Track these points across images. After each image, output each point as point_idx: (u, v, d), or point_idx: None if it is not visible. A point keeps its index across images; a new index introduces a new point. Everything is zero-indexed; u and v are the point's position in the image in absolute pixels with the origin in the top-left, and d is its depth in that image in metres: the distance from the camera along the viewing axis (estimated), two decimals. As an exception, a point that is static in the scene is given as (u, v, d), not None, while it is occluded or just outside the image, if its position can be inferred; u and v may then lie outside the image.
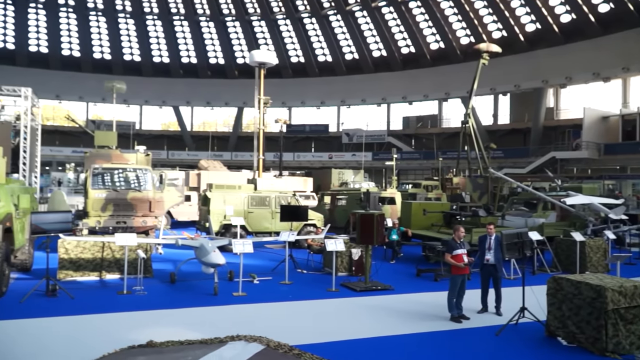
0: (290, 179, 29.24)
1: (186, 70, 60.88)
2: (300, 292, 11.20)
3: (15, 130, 18.50)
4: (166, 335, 7.26)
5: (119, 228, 14.43)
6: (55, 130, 53.49)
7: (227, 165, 34.32)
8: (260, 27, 59.37)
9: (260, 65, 21.72)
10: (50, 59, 57.17)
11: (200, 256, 11.21)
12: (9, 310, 9.09)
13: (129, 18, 59.15)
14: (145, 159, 20.27)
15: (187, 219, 25.11)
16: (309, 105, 60.67)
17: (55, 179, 31.28)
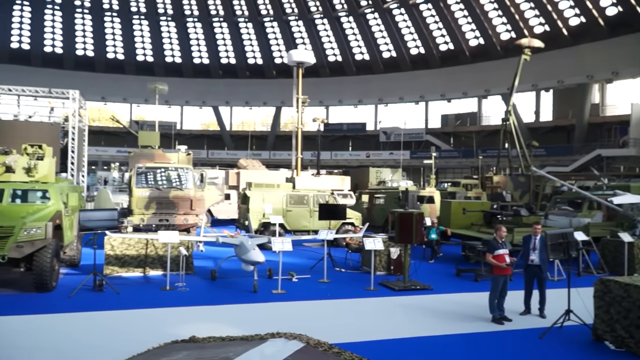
0: (328, 177, 29.30)
1: (225, 70, 61.77)
2: (338, 291, 11.23)
3: (63, 131, 19.23)
4: (208, 331, 7.40)
5: (161, 226, 14.81)
6: (101, 131, 55.17)
7: (265, 164, 34.68)
8: (298, 27, 59.66)
9: (298, 65, 21.87)
10: (96, 62, 59.01)
11: (240, 254, 11.38)
12: (59, 304, 9.47)
13: (170, 21, 60.45)
14: (187, 159, 20.70)
15: (227, 217, 25.49)
16: (347, 103, 60.59)
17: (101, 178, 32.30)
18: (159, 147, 21.75)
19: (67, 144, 19.05)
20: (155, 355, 6.15)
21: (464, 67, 52.15)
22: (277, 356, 5.83)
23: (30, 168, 11.42)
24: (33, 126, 18.65)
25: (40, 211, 10.41)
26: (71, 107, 19.22)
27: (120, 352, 6.62)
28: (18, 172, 11.33)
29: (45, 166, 11.79)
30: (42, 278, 9.92)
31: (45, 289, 10.06)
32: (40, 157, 11.96)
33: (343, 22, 58.05)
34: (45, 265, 9.86)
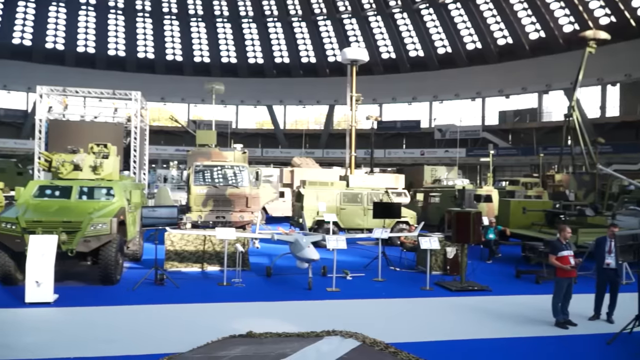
0: (381, 175, 29.06)
1: (279, 70, 62.48)
2: (393, 290, 11.12)
3: (126, 130, 19.98)
4: (264, 326, 7.49)
5: (218, 222, 15.14)
6: (160, 130, 56.98)
7: (318, 162, 34.80)
8: (351, 25, 59.53)
9: (352, 63, 21.79)
10: (156, 64, 61.09)
11: (295, 251, 11.46)
12: (123, 296, 9.86)
13: (226, 22, 61.77)
14: (242, 157, 21.06)
15: (281, 214, 25.77)
16: (400, 101, 59.94)
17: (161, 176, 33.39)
18: (216, 146, 22.23)
19: (130, 143, 19.74)
20: (214, 349, 6.27)
21: (523, 62, 50.42)
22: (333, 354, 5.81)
23: (96, 166, 11.93)
24: (98, 126, 19.45)
25: (106, 207, 10.85)
26: (133, 107, 19.89)
27: (181, 345, 6.81)
28: (85, 170, 11.86)
29: (110, 164, 12.29)
30: (107, 271, 10.36)
31: (110, 282, 10.50)
32: (106, 155, 12.47)
33: (397, 18, 57.44)
34: (110, 259, 10.29)
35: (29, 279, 8.97)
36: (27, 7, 56.19)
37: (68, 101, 20.41)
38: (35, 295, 8.95)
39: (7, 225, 9.95)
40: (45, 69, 52.71)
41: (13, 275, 10.22)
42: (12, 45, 55.76)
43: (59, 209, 10.51)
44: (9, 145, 50.67)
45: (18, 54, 55.30)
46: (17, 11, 55.58)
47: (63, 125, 19.14)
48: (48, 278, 9.01)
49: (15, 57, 54.84)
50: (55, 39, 58.13)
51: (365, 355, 5.70)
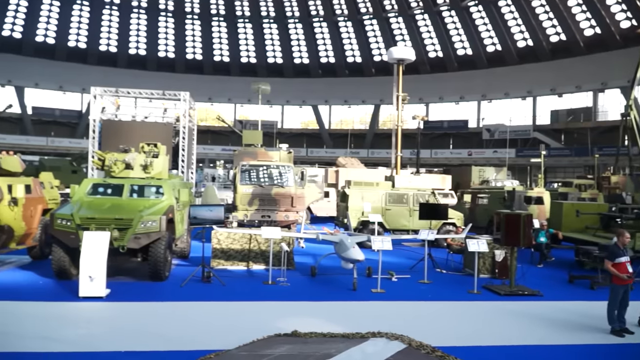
0: (428, 176, 28.64)
1: (325, 70, 62.63)
2: (439, 292, 10.91)
3: (175, 130, 20.47)
4: (309, 326, 7.50)
5: (263, 221, 15.27)
6: (207, 130, 58.16)
7: (363, 162, 34.65)
8: (398, 24, 59.03)
9: (398, 62, 21.56)
10: (204, 65, 62.37)
11: (339, 251, 11.41)
12: (171, 293, 10.07)
13: (272, 22, 62.42)
14: (288, 157, 21.19)
15: (326, 214, 25.79)
16: (447, 100, 58.99)
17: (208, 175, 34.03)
18: (262, 146, 22.45)
19: (178, 142, 20.22)
20: (260, 347, 6.33)
21: (577, 59, 48.64)
22: (379, 356, 5.77)
23: (147, 165, 12.23)
24: (148, 126, 20.02)
25: (155, 205, 11.12)
26: (182, 108, 20.37)
27: (227, 342, 6.90)
28: (136, 169, 12.18)
29: (160, 163, 12.58)
30: (156, 268, 10.61)
31: (159, 278, 10.75)
32: (156, 155, 12.77)
33: (444, 16, 56.55)
34: (159, 256, 10.53)
35: (83, 274, 9.29)
36: (82, 11, 58.53)
37: (120, 102, 21.07)
38: (89, 289, 9.26)
39: (63, 221, 10.34)
40: (98, 71, 54.76)
41: (68, 270, 10.62)
42: (68, 47, 58.17)
43: (111, 206, 10.85)
44: (64, 145, 52.94)
45: (73, 56, 57.64)
46: (72, 14, 57.93)
47: (115, 125, 19.79)
48: (101, 273, 9.30)
49: (70, 59, 57.20)
50: (108, 41, 60.30)
51: (411, 358, 5.62)
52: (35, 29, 56.68)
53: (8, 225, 11.58)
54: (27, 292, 9.78)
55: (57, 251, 10.50)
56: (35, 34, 56.75)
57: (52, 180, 14.63)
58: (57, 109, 58.11)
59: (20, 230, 12.03)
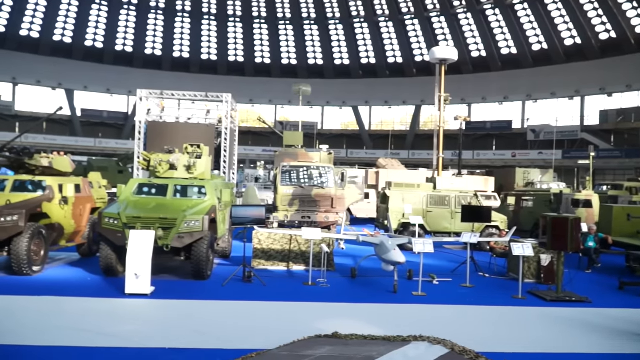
0: (470, 178, 28.14)
1: (365, 70, 62.43)
2: (482, 297, 10.67)
3: (217, 131, 20.79)
4: (349, 328, 7.46)
5: (304, 222, 15.32)
6: (248, 131, 58.92)
7: (404, 164, 34.33)
8: (440, 23, 58.26)
9: (440, 62, 21.28)
10: (246, 67, 63.21)
11: (380, 253, 11.32)
12: (213, 291, 10.22)
13: (313, 24, 62.68)
14: (328, 158, 21.23)
15: (366, 216, 25.68)
16: (491, 101, 57.79)
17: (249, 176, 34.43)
18: (302, 147, 22.55)
19: (220, 143, 20.52)
20: (300, 348, 6.34)
21: (628, 57, 46.73)
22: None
23: (190, 166, 12.47)
24: (192, 127, 20.39)
25: (198, 205, 11.31)
26: (224, 109, 20.65)
27: (267, 341, 6.95)
28: (180, 169, 12.43)
29: (203, 164, 12.79)
30: (199, 267, 10.79)
31: (201, 277, 10.93)
32: (199, 156, 13.00)
33: (488, 15, 55.44)
34: (202, 256, 10.70)
35: (129, 272, 9.54)
36: (129, 16, 60.27)
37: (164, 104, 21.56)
38: (134, 287, 9.50)
39: (110, 220, 10.65)
40: (144, 74, 56.27)
41: (114, 268, 10.94)
42: (115, 51, 60.03)
43: (156, 206, 11.10)
44: (110, 145, 54.67)
45: (120, 60, 59.43)
46: (119, 20, 59.79)
47: (160, 126, 20.24)
48: (146, 271, 9.53)
49: (117, 62, 59.01)
50: (153, 45, 61.88)
51: (454, 365, 5.52)
52: (85, 34, 58.72)
53: (59, 223, 12.04)
54: (75, 288, 10.12)
55: (104, 249, 10.83)
56: (85, 38, 58.79)
57: (100, 180, 15.11)
58: (104, 111, 60.04)
59: (70, 228, 12.48)
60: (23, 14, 55.36)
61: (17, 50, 54.18)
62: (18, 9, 54.78)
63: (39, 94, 57.54)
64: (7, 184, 11.74)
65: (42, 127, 51.51)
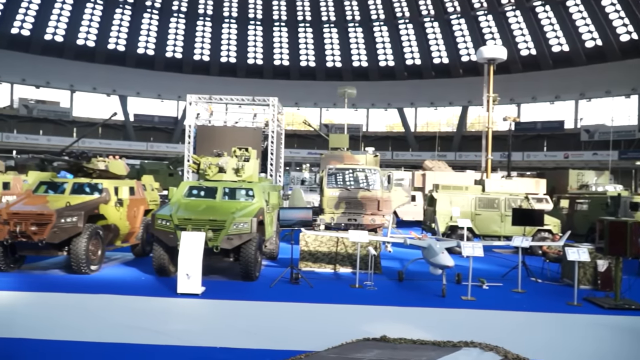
0: (520, 180, 27.38)
1: (410, 72, 61.83)
2: (535, 303, 10.36)
3: (264, 135, 21.07)
4: (397, 331, 7.40)
5: (350, 225, 15.31)
6: (294, 134, 59.36)
7: (451, 166, 33.80)
8: (487, 22, 57.06)
9: (489, 62, 20.84)
10: (291, 70, 63.79)
11: (428, 256, 11.19)
12: (261, 292, 10.36)
13: (357, 26, 62.64)
14: (374, 160, 21.14)
15: (412, 218, 25.44)
16: (541, 100, 56.06)
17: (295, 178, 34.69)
18: (348, 149, 22.54)
19: (267, 146, 20.78)
20: (349, 350, 6.34)
21: (691, 53, 44.46)
22: (472, 367, 5.58)
23: (239, 169, 12.70)
24: (239, 131, 20.75)
25: (247, 208, 11.49)
26: (270, 113, 20.91)
27: (315, 343, 6.98)
28: (228, 172, 12.69)
29: (251, 167, 13.01)
30: (247, 268, 10.96)
31: (250, 279, 11.10)
32: (247, 159, 13.21)
33: (538, 12, 53.88)
34: (250, 257, 10.87)
35: (181, 272, 9.80)
36: (178, 23, 62.04)
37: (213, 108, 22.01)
38: (186, 286, 9.75)
39: (163, 221, 10.97)
40: (193, 79, 57.70)
41: (167, 268, 11.26)
42: (166, 58, 61.84)
43: (206, 208, 11.35)
44: (161, 149, 56.32)
45: (170, 66, 61.16)
46: (169, 27, 61.59)
47: (209, 130, 20.70)
48: (197, 271, 9.77)
49: (168, 69, 60.76)
50: (202, 51, 63.36)
51: (507, 372, 5.39)
52: (137, 42, 60.78)
53: (114, 224, 12.50)
54: (130, 287, 10.49)
55: (157, 249, 11.17)
56: (137, 46, 60.84)
57: (152, 182, 15.61)
58: (155, 115, 61.92)
59: (124, 229, 12.94)
60: (79, 25, 57.89)
61: (75, 59, 56.70)
62: (75, 20, 57.36)
63: (94, 101, 60.02)
64: (67, 187, 12.29)
65: (98, 132, 53.59)
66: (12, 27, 54.75)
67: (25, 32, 55.44)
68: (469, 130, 59.66)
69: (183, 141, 22.68)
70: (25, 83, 56.26)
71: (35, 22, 55.74)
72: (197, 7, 62.06)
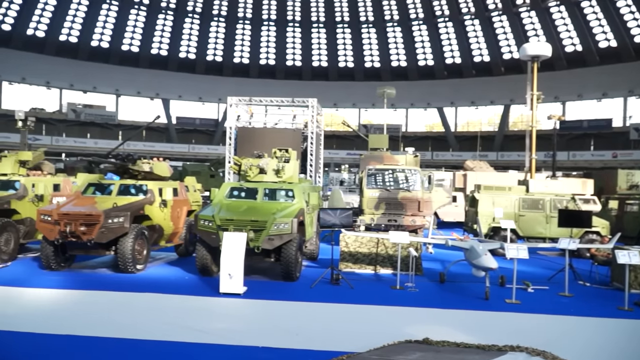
0: (566, 180, 26.56)
1: (450, 71, 60.94)
2: (583, 307, 10.03)
3: (303, 136, 21.15)
4: (439, 334, 7.31)
5: (390, 226, 15.21)
6: (333, 135, 59.39)
7: (492, 166, 33.11)
8: (530, 18, 55.64)
9: (532, 59, 20.31)
10: (329, 71, 63.88)
11: (470, 258, 11.00)
12: (302, 293, 10.41)
13: (396, 26, 62.19)
14: (414, 160, 20.94)
15: (453, 219, 25.06)
16: (588, 98, 54.24)
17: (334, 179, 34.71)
18: (387, 150, 22.39)
19: (307, 147, 20.84)
20: (391, 352, 6.29)
21: None
22: (518, 371, 5.44)
23: (279, 170, 12.81)
24: (279, 132, 20.88)
25: (287, 208, 11.57)
26: (310, 114, 20.96)
27: (356, 344, 6.97)
28: (269, 173, 12.81)
29: (291, 168, 13.09)
30: (288, 268, 11.04)
31: (290, 279, 11.17)
32: (287, 160, 13.31)
33: (583, 7, 52.18)
34: (291, 257, 10.95)
35: (223, 272, 9.95)
36: (219, 27, 63.10)
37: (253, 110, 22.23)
38: (228, 286, 9.89)
39: (205, 222, 11.17)
40: (233, 82, 58.52)
41: (209, 268, 11.46)
42: (207, 61, 62.98)
43: (247, 209, 11.49)
44: (203, 151, 57.39)
45: (211, 70, 62.28)
46: (210, 31, 62.72)
47: (249, 131, 20.92)
48: (239, 271, 9.90)
49: (208, 72, 61.90)
50: (241, 54, 64.23)
51: (556, 377, 5.24)
52: (179, 47, 62.17)
53: (159, 225, 12.82)
54: (174, 286, 10.72)
55: (200, 250, 11.39)
56: (179, 50, 62.23)
57: (195, 184, 15.92)
58: (197, 118, 63.15)
59: (168, 229, 13.24)
60: (124, 31, 59.68)
61: (120, 65, 58.49)
62: (120, 27, 59.19)
63: (138, 104, 61.79)
64: (114, 188, 12.66)
65: (142, 135, 55.04)
66: (61, 35, 56.91)
67: (73, 39, 57.55)
68: (511, 129, 58.31)
69: (224, 143, 23.03)
70: (73, 88, 58.45)
71: (82, 30, 57.78)
72: (237, 11, 62.97)
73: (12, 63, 52.51)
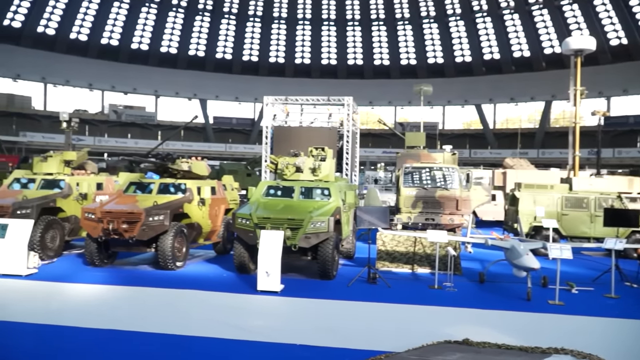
0: (611, 178, 25.61)
1: (489, 67, 59.77)
2: (631, 309, 9.66)
3: (339, 134, 21.10)
4: (480, 335, 7.15)
5: (428, 224, 15.02)
6: (368, 133, 59.10)
7: (533, 164, 32.29)
8: (572, 11, 53.97)
9: (576, 53, 19.69)
10: (365, 69, 63.62)
11: (511, 258, 10.74)
12: (339, 291, 10.39)
13: (433, 23, 61.40)
14: (452, 158, 20.59)
15: (492, 218, 24.56)
16: (634, 93, 52.20)
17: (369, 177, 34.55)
18: (424, 148, 22.12)
19: (342, 146, 20.78)
20: (430, 352, 6.19)
21: None
22: (563, 375, 5.27)
23: (315, 168, 12.80)
24: (315, 131, 20.86)
25: (323, 207, 11.57)
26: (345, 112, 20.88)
27: (394, 344, 6.90)
28: (305, 171, 12.82)
29: (327, 167, 13.07)
30: (325, 267, 11.03)
31: (327, 277, 11.16)
32: (323, 158, 13.29)
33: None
34: (328, 256, 10.93)
35: (260, 270, 10.02)
36: (254, 27, 63.72)
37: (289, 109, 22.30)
38: (265, 284, 9.96)
39: (243, 220, 11.28)
40: (268, 81, 58.98)
41: (247, 265, 11.56)
42: (243, 62, 63.67)
43: (284, 207, 11.55)
44: (239, 150, 58.08)
45: (247, 70, 62.94)
46: (245, 31, 63.42)
47: (285, 130, 20.99)
48: (276, 269, 9.95)
49: (244, 72, 62.57)
50: (277, 53, 64.66)
51: (604, 382, 5.04)
52: (215, 48, 63.07)
53: (197, 223, 13.01)
54: (213, 284, 10.86)
55: (237, 247, 11.50)
56: (215, 51, 63.12)
57: (232, 182, 16.09)
58: (233, 118, 64.00)
59: (207, 227, 13.43)
60: (162, 34, 60.95)
61: (158, 66, 59.77)
62: (158, 29, 60.49)
63: (177, 105, 63.13)
64: (154, 187, 12.93)
65: (180, 135, 56.10)
66: (102, 38, 58.56)
67: (114, 43, 59.14)
68: (553, 126, 56.79)
69: (260, 142, 23.20)
70: (114, 90, 60.10)
71: (122, 33, 59.30)
72: (272, 11, 63.40)
73: (57, 66, 54.42)
